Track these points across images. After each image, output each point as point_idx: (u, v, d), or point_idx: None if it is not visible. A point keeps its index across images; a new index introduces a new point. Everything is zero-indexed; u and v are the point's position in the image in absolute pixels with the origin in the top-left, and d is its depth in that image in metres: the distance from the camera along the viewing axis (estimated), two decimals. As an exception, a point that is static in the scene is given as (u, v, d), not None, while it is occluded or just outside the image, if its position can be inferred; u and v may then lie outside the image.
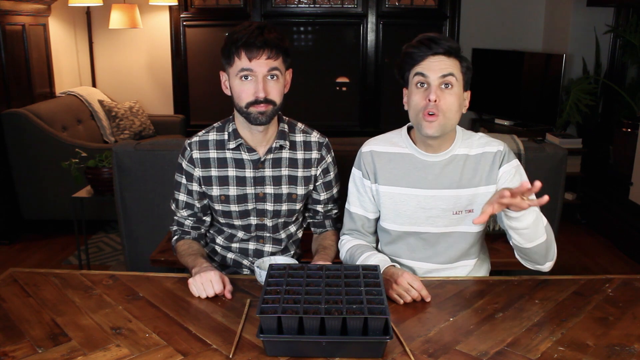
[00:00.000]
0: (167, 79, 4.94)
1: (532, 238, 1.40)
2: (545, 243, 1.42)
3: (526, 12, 4.76)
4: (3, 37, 3.62)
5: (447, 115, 1.44)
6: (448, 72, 1.43)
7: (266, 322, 1.13)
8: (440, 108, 1.43)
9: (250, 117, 1.54)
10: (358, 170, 1.63)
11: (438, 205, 1.53)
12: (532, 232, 1.39)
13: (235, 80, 1.53)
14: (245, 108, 1.53)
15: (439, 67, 1.43)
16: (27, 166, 3.67)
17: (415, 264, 1.60)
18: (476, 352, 1.17)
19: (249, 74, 1.50)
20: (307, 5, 4.67)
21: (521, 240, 1.42)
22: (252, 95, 1.51)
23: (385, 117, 4.78)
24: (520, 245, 1.44)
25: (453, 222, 1.54)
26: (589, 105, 4.13)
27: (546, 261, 1.48)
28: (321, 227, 1.78)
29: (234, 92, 1.55)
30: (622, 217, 3.66)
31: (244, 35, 1.48)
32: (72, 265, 3.36)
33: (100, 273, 1.54)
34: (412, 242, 1.59)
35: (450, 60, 1.44)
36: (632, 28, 3.93)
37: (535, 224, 1.38)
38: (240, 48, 1.49)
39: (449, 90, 1.44)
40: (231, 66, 1.53)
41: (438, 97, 1.43)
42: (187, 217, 1.70)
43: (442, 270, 1.60)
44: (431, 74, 1.44)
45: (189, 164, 1.65)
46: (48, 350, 1.16)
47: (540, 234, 1.40)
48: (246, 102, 1.52)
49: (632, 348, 1.18)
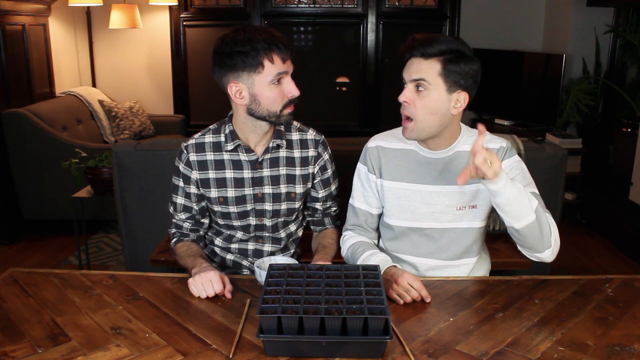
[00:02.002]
0: (167, 79, 4.94)
1: (519, 216, 1.38)
2: (537, 223, 1.39)
3: (526, 12, 4.76)
4: (3, 37, 3.62)
5: (421, 119, 1.46)
6: (418, 77, 1.44)
7: (266, 322, 1.13)
8: (410, 110, 1.46)
9: (282, 119, 1.54)
10: (364, 166, 1.63)
11: (442, 201, 1.55)
12: (517, 210, 1.37)
13: (266, 86, 1.49)
14: (280, 111, 1.52)
15: (412, 70, 1.46)
16: (27, 166, 3.67)
17: (418, 260, 1.61)
18: (476, 352, 1.17)
19: (283, 76, 1.50)
20: (307, 5, 4.67)
21: (509, 219, 1.40)
22: (287, 97, 1.51)
23: (385, 117, 4.78)
24: (512, 227, 1.42)
25: (457, 218, 1.56)
26: (589, 105, 4.13)
27: (544, 248, 1.44)
28: (320, 225, 1.78)
29: (265, 99, 1.51)
30: (622, 217, 3.66)
31: (266, 39, 1.45)
32: (72, 265, 3.36)
33: (100, 273, 1.54)
34: (415, 239, 1.60)
35: (428, 63, 1.43)
36: (632, 28, 3.93)
37: (519, 200, 1.36)
38: (271, 52, 1.46)
39: (421, 94, 1.45)
40: (260, 73, 1.47)
41: (408, 99, 1.46)
42: (185, 219, 1.70)
43: (445, 268, 1.60)
44: (406, 76, 1.48)
45: (186, 167, 1.64)
46: (48, 350, 1.16)
47: (527, 212, 1.38)
48: (282, 105, 1.52)
49: (632, 348, 1.18)
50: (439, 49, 1.42)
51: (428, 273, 1.61)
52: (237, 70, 1.48)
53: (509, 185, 1.34)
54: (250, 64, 1.46)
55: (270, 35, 1.46)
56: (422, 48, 1.43)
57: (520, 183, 1.43)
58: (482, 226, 1.60)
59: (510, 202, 1.36)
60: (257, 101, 1.51)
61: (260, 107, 1.52)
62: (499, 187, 1.34)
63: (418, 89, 1.45)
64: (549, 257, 1.46)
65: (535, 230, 1.41)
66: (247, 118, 1.56)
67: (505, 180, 1.33)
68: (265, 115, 1.53)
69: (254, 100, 1.51)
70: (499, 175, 1.32)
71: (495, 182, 1.33)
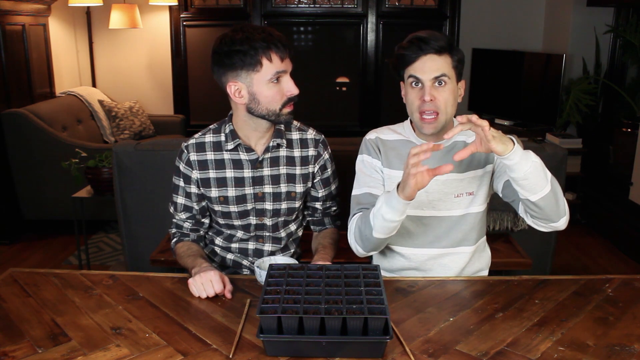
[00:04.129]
0: (167, 79, 4.94)
1: (535, 189, 1.37)
2: (552, 194, 1.39)
3: (526, 12, 4.76)
4: (3, 37, 3.62)
5: (445, 111, 1.50)
6: (440, 73, 1.47)
7: (266, 322, 1.13)
8: (437, 105, 1.49)
9: (282, 118, 1.54)
10: (367, 155, 1.63)
11: (441, 190, 1.57)
12: (534, 183, 1.36)
13: (264, 85, 1.49)
14: (279, 110, 1.53)
15: (430, 68, 1.47)
16: (27, 166, 3.67)
17: (417, 251, 1.61)
18: (476, 352, 1.17)
19: (281, 75, 1.50)
20: (307, 5, 4.68)
21: (526, 193, 1.38)
22: (285, 96, 1.51)
23: (385, 117, 4.78)
24: (529, 200, 1.40)
25: (454, 205, 1.58)
26: (589, 105, 4.13)
27: (560, 217, 1.43)
28: (320, 225, 1.78)
29: (264, 98, 1.51)
30: (622, 217, 3.66)
31: (263, 38, 1.45)
32: (72, 265, 3.36)
33: (100, 273, 1.54)
34: (414, 228, 1.61)
35: (442, 59, 1.48)
36: (632, 28, 3.93)
37: (535, 174, 1.35)
38: (269, 51, 1.46)
39: (442, 88, 1.49)
40: (258, 72, 1.48)
41: (433, 96, 1.48)
42: (185, 219, 1.70)
43: (443, 256, 1.61)
44: (423, 76, 1.48)
45: (186, 167, 1.64)
46: (48, 350, 1.16)
47: (543, 184, 1.37)
48: (281, 104, 1.52)
49: (632, 348, 1.18)
50: (446, 43, 1.48)
51: (427, 263, 1.62)
52: (235, 70, 1.49)
53: (524, 160, 1.33)
54: (248, 62, 1.47)
55: (269, 35, 1.47)
56: (435, 44, 1.47)
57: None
58: (480, 211, 1.60)
59: (527, 176, 1.35)
60: (256, 100, 1.52)
61: (260, 105, 1.52)
62: (514, 163, 1.33)
63: (439, 84, 1.48)
64: (564, 225, 1.46)
65: (551, 201, 1.39)
66: (247, 117, 1.56)
67: (521, 155, 1.32)
68: (265, 114, 1.53)
69: (253, 99, 1.52)
70: (512, 150, 1.31)
71: (510, 158, 1.32)
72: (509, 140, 1.32)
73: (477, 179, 1.57)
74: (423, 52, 1.47)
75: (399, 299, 1.41)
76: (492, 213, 2.35)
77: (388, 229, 1.45)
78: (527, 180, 1.35)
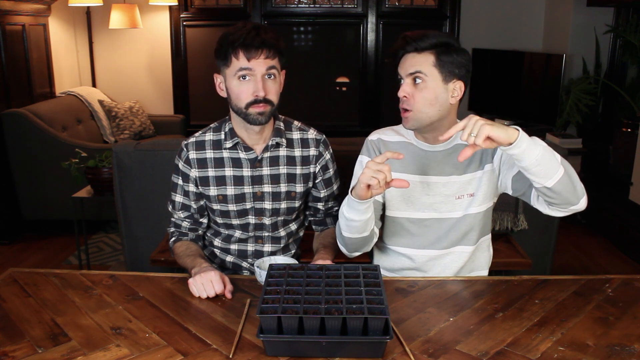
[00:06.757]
0: (167, 79, 4.95)
1: (549, 173, 1.34)
2: (567, 175, 1.36)
3: (526, 12, 4.76)
4: (3, 37, 3.62)
5: (420, 109, 1.49)
6: (414, 70, 1.48)
7: (266, 322, 1.13)
8: (410, 103, 1.50)
9: (250, 118, 1.53)
10: (367, 157, 1.63)
11: (442, 192, 1.57)
12: (547, 167, 1.34)
13: (233, 80, 1.52)
14: (245, 109, 1.53)
15: (407, 65, 1.50)
16: (27, 166, 3.66)
17: (419, 252, 1.62)
18: (476, 352, 1.17)
19: (247, 74, 1.50)
20: (307, 5, 4.68)
21: (542, 180, 1.35)
22: (252, 95, 1.51)
23: (385, 117, 4.78)
24: (545, 186, 1.37)
25: (455, 207, 1.58)
26: (589, 105, 4.13)
27: (579, 198, 1.41)
28: (322, 225, 1.78)
29: (232, 93, 1.54)
30: (622, 217, 3.66)
31: (240, 35, 1.48)
32: (72, 265, 3.36)
33: (100, 273, 1.54)
34: (415, 230, 1.61)
35: (422, 57, 1.48)
36: (632, 28, 3.93)
37: (546, 159, 1.33)
38: (238, 48, 1.48)
39: (419, 86, 1.48)
40: (228, 67, 1.52)
41: (408, 93, 1.49)
42: (184, 218, 1.70)
43: (443, 257, 1.61)
44: (402, 72, 1.51)
45: (185, 165, 1.65)
46: (48, 350, 1.16)
47: (556, 167, 1.35)
48: (246, 103, 1.52)
49: (632, 348, 1.18)
50: (430, 43, 1.47)
51: (427, 264, 1.62)
52: (218, 62, 1.55)
53: (533, 145, 1.31)
54: (222, 57, 1.53)
55: (247, 32, 1.48)
56: (415, 43, 1.48)
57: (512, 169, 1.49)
58: (480, 211, 1.59)
59: (539, 161, 1.32)
60: (229, 95, 1.56)
61: (231, 101, 1.56)
62: (521, 151, 1.31)
63: (415, 82, 1.48)
64: (584, 205, 1.43)
65: (567, 183, 1.37)
66: (234, 114, 1.60)
67: (528, 142, 1.31)
68: (236, 111, 1.56)
69: (227, 93, 1.57)
70: (518, 138, 1.30)
71: (517, 145, 1.30)
72: (512, 129, 1.30)
73: (477, 180, 1.57)
74: (404, 50, 1.50)
75: (399, 299, 1.41)
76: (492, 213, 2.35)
77: (353, 227, 1.49)
78: (540, 166, 1.33)
